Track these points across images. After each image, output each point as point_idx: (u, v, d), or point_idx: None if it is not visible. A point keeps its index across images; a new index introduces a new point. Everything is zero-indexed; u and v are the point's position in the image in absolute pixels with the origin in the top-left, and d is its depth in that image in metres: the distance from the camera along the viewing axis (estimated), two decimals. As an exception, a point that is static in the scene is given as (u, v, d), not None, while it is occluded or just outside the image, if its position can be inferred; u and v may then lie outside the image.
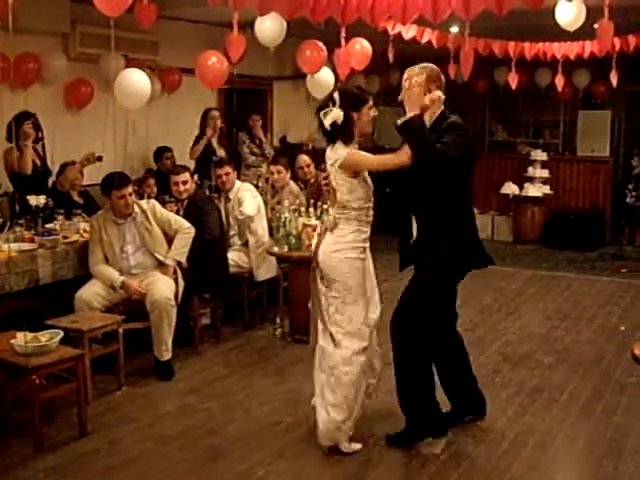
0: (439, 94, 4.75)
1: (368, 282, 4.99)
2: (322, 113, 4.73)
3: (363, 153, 4.76)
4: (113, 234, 6.34)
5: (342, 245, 4.79)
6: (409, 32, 7.90)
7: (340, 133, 4.72)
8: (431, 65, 4.90)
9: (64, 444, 4.98)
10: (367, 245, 4.93)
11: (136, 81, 6.68)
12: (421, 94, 4.71)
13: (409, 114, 4.62)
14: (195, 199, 7.11)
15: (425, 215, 4.89)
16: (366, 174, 4.83)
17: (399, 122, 4.62)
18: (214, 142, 9.31)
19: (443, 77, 4.89)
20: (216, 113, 9.43)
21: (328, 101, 4.78)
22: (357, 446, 4.87)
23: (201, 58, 6.71)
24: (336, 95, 4.74)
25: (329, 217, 4.89)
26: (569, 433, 5.23)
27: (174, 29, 9.26)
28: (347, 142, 4.72)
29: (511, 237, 12.89)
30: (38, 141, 7.40)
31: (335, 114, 4.68)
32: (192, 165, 8.91)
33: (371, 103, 4.83)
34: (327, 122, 4.69)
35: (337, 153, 4.73)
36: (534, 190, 12.67)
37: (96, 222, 6.39)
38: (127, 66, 7.69)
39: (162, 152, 9.22)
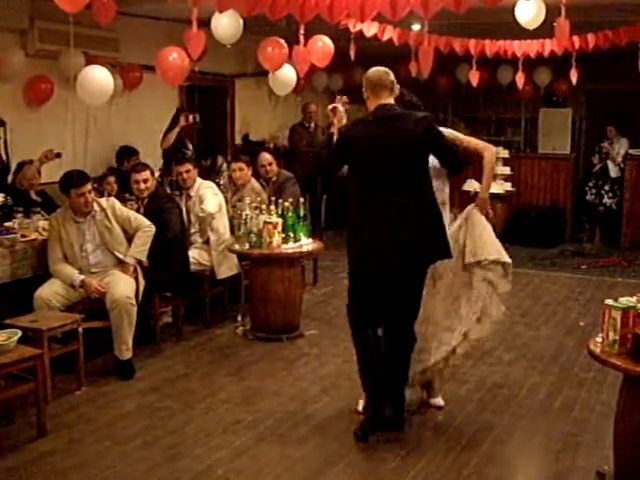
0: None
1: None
2: None
3: None
4: (72, 232, 6.28)
5: None
6: (370, 30, 7.92)
7: None
8: (373, 69, 5.05)
9: (23, 444, 4.93)
10: None
11: (98, 78, 6.64)
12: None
13: None
14: (156, 197, 7.07)
15: None
16: None
17: None
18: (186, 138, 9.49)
19: (373, 77, 4.96)
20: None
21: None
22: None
23: (161, 54, 6.66)
24: None
25: None
26: (528, 428, 5.27)
27: (134, 26, 9.20)
28: None
29: (473, 234, 12.93)
30: (-1, 138, 7.34)
31: None
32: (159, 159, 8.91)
33: None
34: None
35: None
36: (496, 187, 12.69)
37: (55, 220, 6.34)
38: (87, 63, 7.64)
39: (128, 154, 9.15)
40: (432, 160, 5.00)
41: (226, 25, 6.44)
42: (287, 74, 7.75)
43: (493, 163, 5.52)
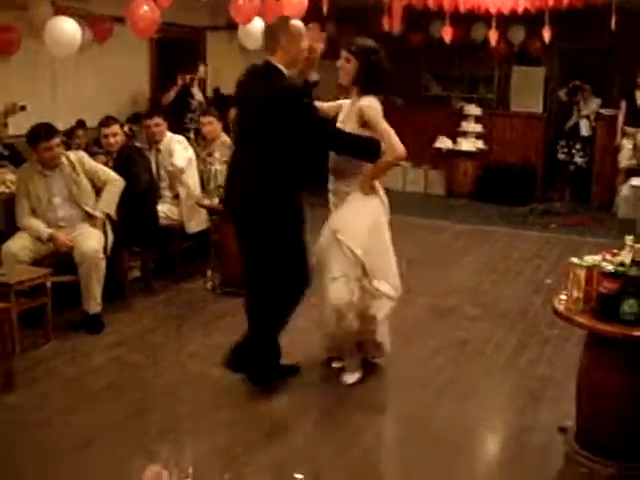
0: None
1: None
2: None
3: None
4: (40, 186, 6.23)
5: None
6: (343, -17, 7.86)
7: None
8: None
9: (-11, 399, 4.93)
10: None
11: (66, 29, 6.55)
12: None
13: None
14: (125, 150, 7.01)
15: None
16: None
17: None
18: (195, 88, 10.11)
19: None
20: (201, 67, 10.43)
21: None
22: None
23: (132, 6, 6.57)
24: None
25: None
26: (493, 384, 5.36)
27: (105, -24, 9.05)
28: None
29: (444, 191, 13.01)
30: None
31: None
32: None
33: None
34: None
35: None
36: (467, 144, 12.78)
37: (22, 174, 6.28)
38: (56, 13, 7.52)
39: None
40: None
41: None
42: (257, 28, 7.68)
43: (390, 164, 5.07)
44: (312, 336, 5.65)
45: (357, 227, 4.96)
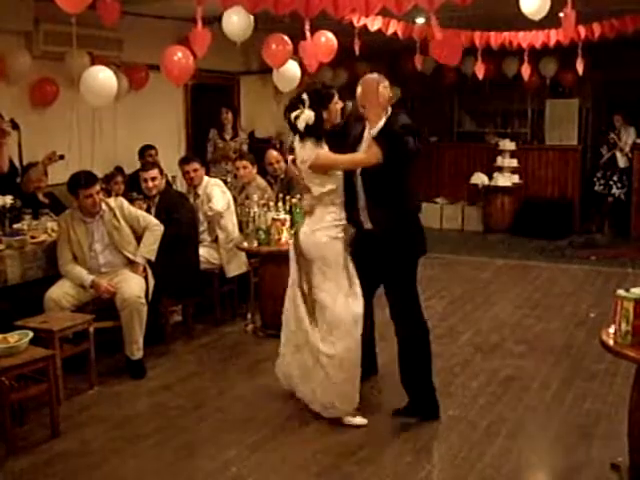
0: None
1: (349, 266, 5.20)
2: (293, 116, 4.99)
3: (331, 155, 5.02)
4: (81, 233, 6.28)
5: (321, 224, 5.10)
6: (374, 24, 7.89)
7: (312, 133, 4.99)
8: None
9: (37, 445, 4.93)
10: (344, 225, 5.19)
11: (102, 78, 6.63)
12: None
13: (380, 122, 5.01)
14: (166, 195, 7.07)
15: None
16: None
17: (374, 133, 4.97)
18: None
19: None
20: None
21: (298, 102, 5.03)
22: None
23: (166, 54, 6.66)
24: (305, 96, 5.01)
25: (304, 203, 5.27)
26: (541, 421, 5.26)
27: (139, 25, 9.19)
28: (318, 140, 5.01)
29: (481, 227, 12.96)
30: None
31: (307, 116, 4.96)
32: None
33: (337, 97, 5.10)
34: (301, 125, 4.96)
35: (307, 153, 5.01)
36: (503, 180, 12.74)
37: (64, 221, 6.34)
38: (92, 63, 7.64)
39: (145, 150, 9.19)
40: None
41: (237, 22, 6.44)
42: (291, 70, 7.74)
43: None
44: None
45: None
